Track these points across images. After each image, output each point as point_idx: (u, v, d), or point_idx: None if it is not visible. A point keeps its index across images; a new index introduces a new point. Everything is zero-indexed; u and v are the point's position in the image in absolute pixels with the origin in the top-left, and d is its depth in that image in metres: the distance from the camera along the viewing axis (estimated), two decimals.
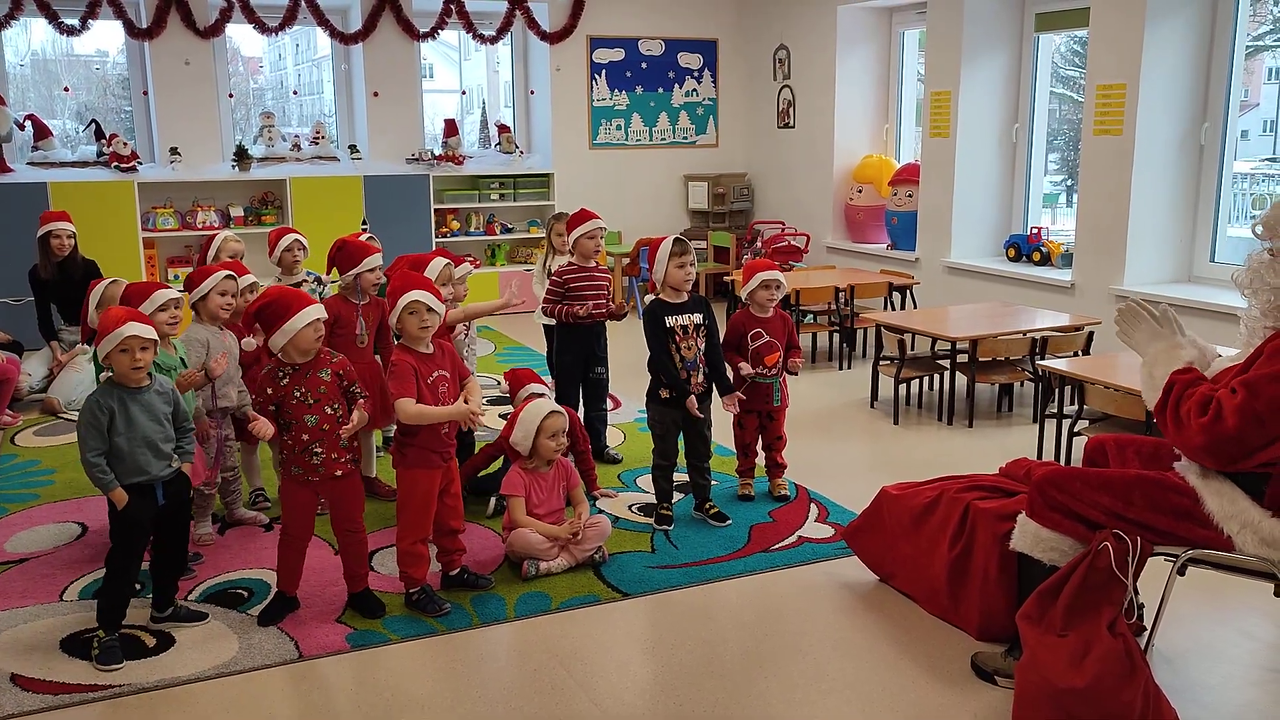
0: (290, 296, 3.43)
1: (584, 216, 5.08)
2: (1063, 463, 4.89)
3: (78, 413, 3.35)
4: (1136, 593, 3.04)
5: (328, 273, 5.00)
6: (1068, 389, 5.05)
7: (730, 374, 4.46)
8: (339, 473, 3.45)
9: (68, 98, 8.79)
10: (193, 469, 3.81)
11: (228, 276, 4.10)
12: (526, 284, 5.37)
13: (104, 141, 8.27)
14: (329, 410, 3.42)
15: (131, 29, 8.14)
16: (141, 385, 3.27)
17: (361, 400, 3.51)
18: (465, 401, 3.64)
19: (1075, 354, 5.65)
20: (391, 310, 3.55)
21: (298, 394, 3.40)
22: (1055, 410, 5.11)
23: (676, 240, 4.24)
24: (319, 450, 3.41)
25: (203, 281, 4.07)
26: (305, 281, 5.05)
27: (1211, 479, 2.79)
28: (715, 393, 4.37)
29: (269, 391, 3.41)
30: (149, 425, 3.27)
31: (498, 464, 4.58)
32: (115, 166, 8.16)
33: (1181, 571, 2.88)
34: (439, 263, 4.45)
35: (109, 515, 3.33)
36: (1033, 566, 3.02)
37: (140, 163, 8.29)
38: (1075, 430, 4.85)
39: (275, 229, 5.21)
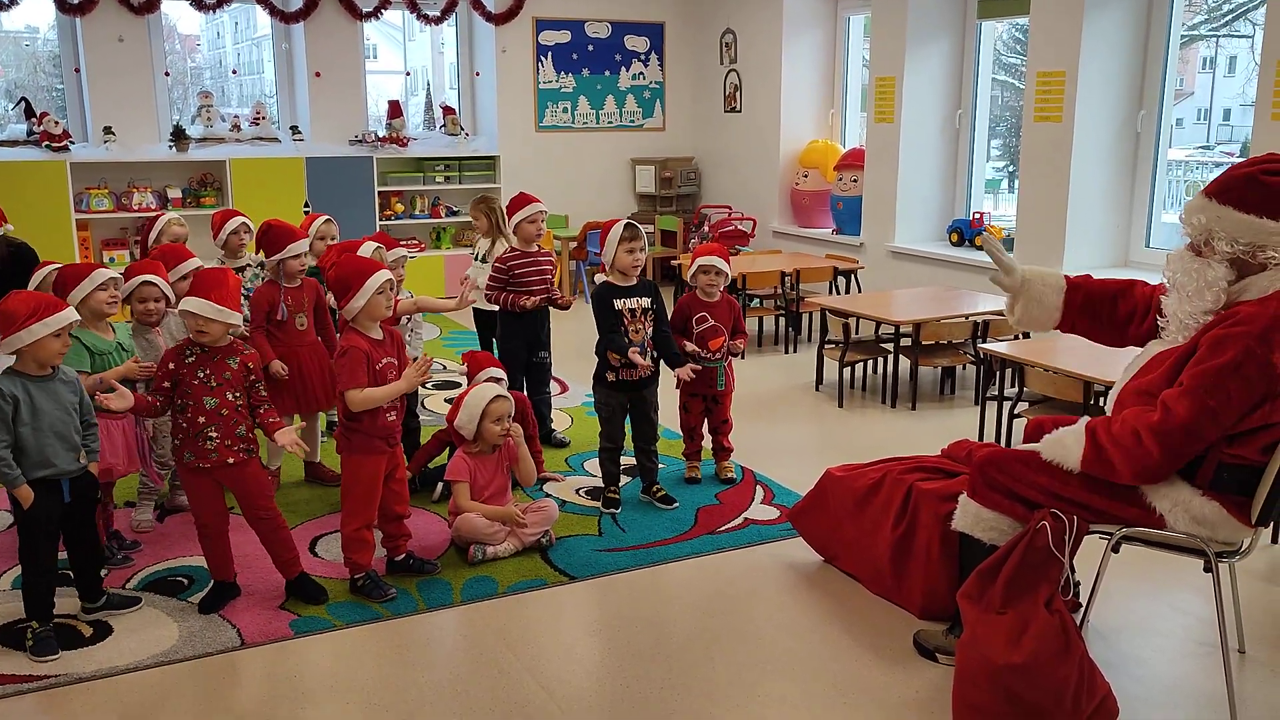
0: (203, 278, 3.38)
1: (523, 200, 5.02)
2: (1003, 444, 4.97)
3: None
4: (1073, 570, 3.11)
5: (255, 253, 4.91)
6: (1008, 372, 5.14)
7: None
8: (230, 460, 3.36)
9: None
10: (128, 455, 3.73)
11: (144, 283, 3.92)
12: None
13: (34, 120, 8.03)
14: (230, 396, 3.35)
15: (63, 4, 7.90)
16: (47, 373, 3.16)
17: (269, 409, 3.44)
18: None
19: (1016, 337, 5.75)
20: (355, 293, 3.43)
21: (201, 375, 3.33)
22: (996, 393, 5.20)
23: (628, 225, 4.23)
24: (213, 435, 3.33)
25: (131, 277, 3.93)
26: (249, 266, 4.96)
27: None
28: (662, 377, 4.38)
29: (170, 366, 3.34)
30: (55, 415, 3.15)
31: (443, 458, 4.55)
32: (46, 146, 7.93)
33: (1116, 549, 2.94)
34: (369, 247, 4.38)
35: (12, 512, 3.20)
36: (973, 546, 3.07)
37: (73, 142, 8.07)
38: (1015, 412, 4.94)
39: (220, 211, 5.10)
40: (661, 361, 4.36)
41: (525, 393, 5.11)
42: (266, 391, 3.52)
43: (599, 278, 4.33)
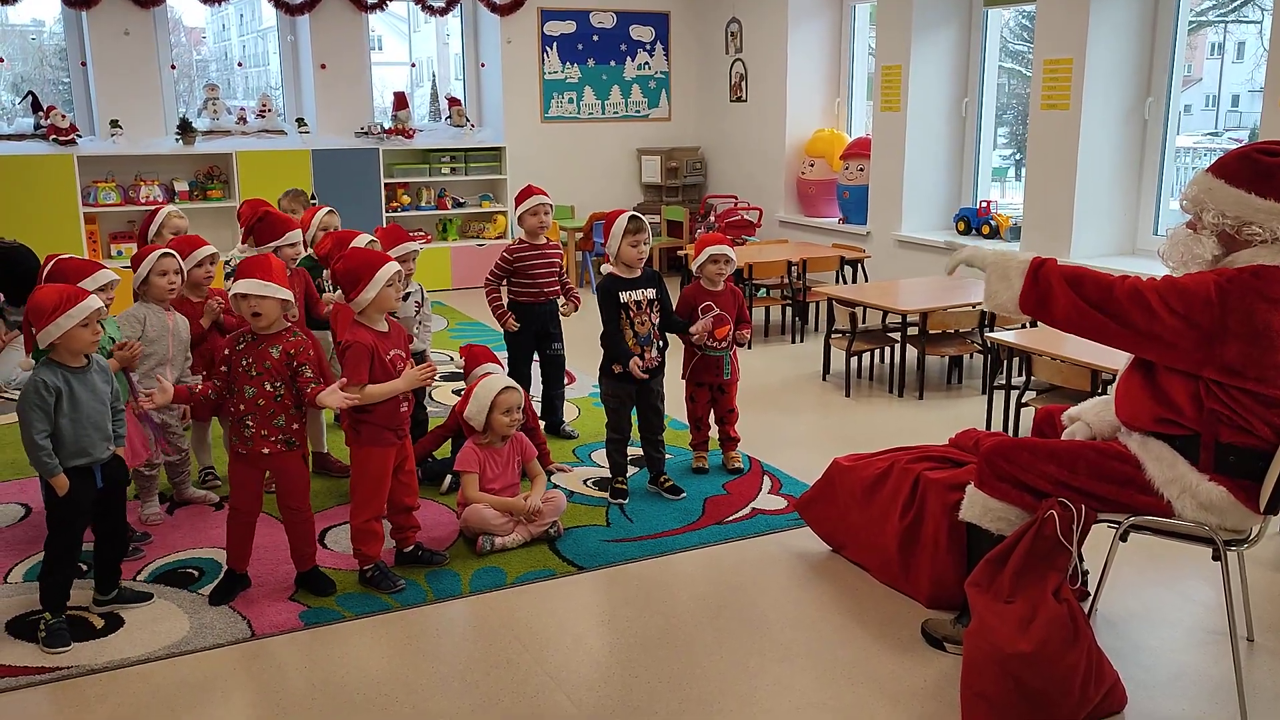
0: (247, 264, 3.41)
1: (527, 193, 5.02)
2: (1011, 433, 4.97)
3: (17, 393, 3.26)
4: (1081, 559, 3.10)
5: (243, 242, 4.88)
6: (1016, 361, 5.13)
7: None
8: (266, 450, 3.39)
9: (3, 69, 8.53)
10: (131, 450, 3.73)
11: (165, 255, 3.98)
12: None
13: (41, 114, 8.05)
14: (268, 387, 3.36)
15: None
16: (83, 364, 3.20)
17: (312, 387, 3.40)
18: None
19: (1023, 326, 5.73)
20: (366, 285, 3.44)
21: (244, 364, 3.37)
22: (1004, 382, 5.19)
23: (632, 217, 4.22)
24: (250, 424, 3.37)
25: (140, 263, 3.96)
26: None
27: (1151, 445, 2.85)
28: (668, 368, 4.39)
29: (225, 353, 3.41)
30: (93, 405, 3.20)
31: (447, 450, 4.56)
32: (53, 140, 7.95)
33: (1124, 538, 2.94)
34: (364, 239, 4.36)
35: (45, 501, 3.25)
36: (981, 535, 3.07)
37: (79, 136, 8.09)
38: (1023, 401, 4.93)
39: (248, 202, 5.09)
40: (667, 352, 4.35)
41: (532, 386, 5.11)
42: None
43: (605, 268, 4.32)
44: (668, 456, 4.53)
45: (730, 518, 4.19)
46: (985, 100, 7.77)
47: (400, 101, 9.15)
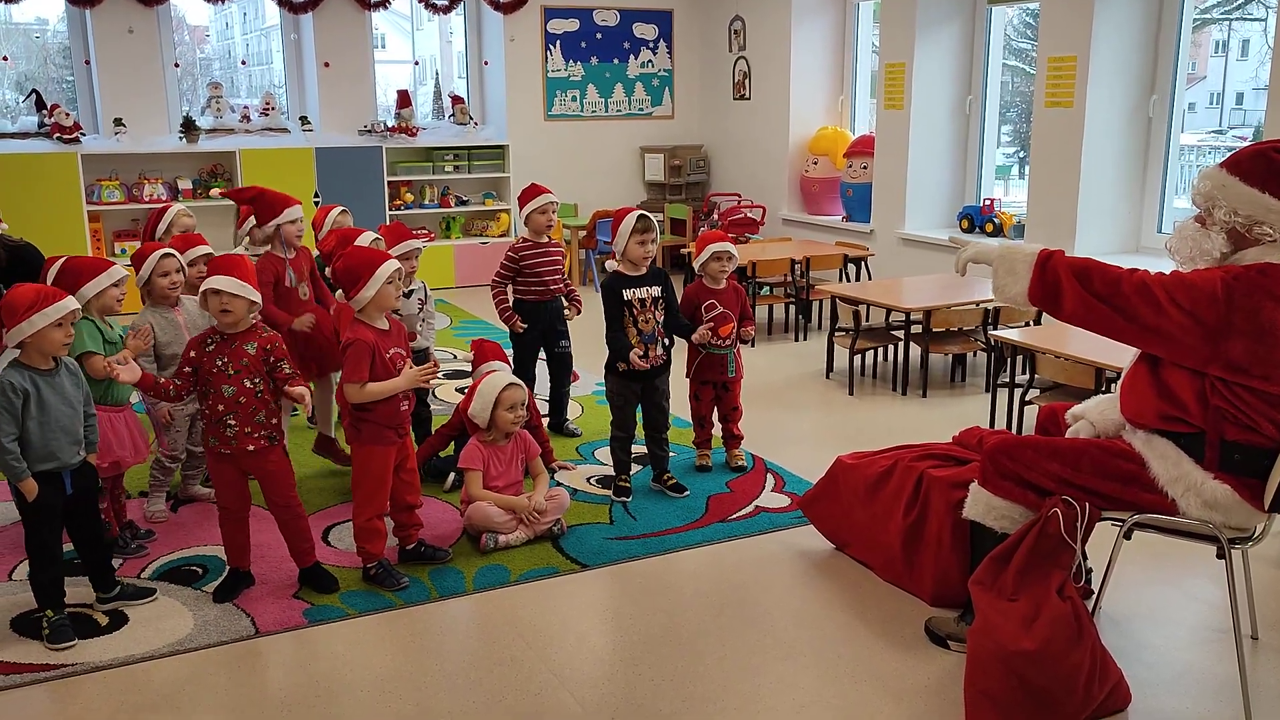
0: (220, 261, 3.40)
1: (534, 191, 5.02)
2: (1014, 431, 4.96)
3: None
4: (1085, 557, 3.10)
5: (239, 227, 4.86)
6: (1019, 358, 5.12)
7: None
8: (251, 447, 3.38)
9: (7, 67, 8.54)
10: (134, 447, 3.72)
11: (165, 255, 3.96)
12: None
13: (45, 112, 8.07)
14: (248, 384, 3.36)
15: None
16: (51, 367, 3.15)
17: (293, 380, 3.40)
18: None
19: (1027, 324, 5.73)
20: (365, 283, 3.44)
21: (219, 363, 3.35)
22: (1007, 380, 5.18)
23: (641, 216, 4.21)
24: (232, 422, 3.35)
25: (142, 264, 3.95)
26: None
27: (1156, 443, 2.85)
28: (674, 364, 4.39)
29: (191, 354, 3.39)
30: (61, 409, 3.15)
31: (451, 449, 4.56)
32: (57, 138, 7.96)
33: (1128, 536, 2.94)
34: (368, 236, 4.37)
35: (16, 504, 3.20)
36: (985, 533, 3.07)
37: (83, 134, 8.10)
38: (1027, 399, 4.93)
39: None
40: (672, 350, 4.36)
41: (536, 385, 5.11)
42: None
43: (610, 264, 4.32)
44: (671, 454, 4.53)
45: (733, 516, 4.19)
46: (989, 98, 7.76)
47: (403, 99, 9.15)
